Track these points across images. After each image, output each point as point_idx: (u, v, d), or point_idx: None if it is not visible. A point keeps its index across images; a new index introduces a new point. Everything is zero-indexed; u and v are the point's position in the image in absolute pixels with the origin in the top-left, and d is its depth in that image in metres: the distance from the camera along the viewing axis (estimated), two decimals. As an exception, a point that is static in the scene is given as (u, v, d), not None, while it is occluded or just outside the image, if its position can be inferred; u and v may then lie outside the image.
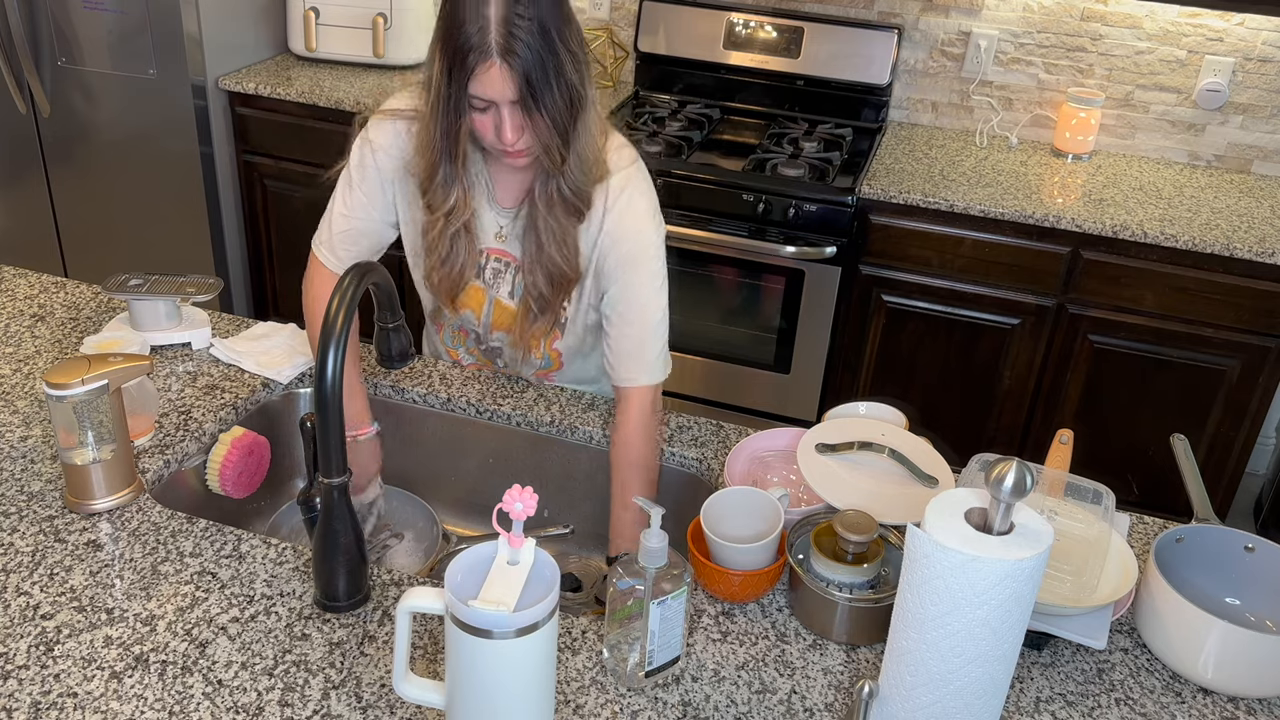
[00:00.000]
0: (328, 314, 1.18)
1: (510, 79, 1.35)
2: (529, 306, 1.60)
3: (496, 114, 1.40)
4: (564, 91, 1.39)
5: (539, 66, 1.35)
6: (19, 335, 1.77)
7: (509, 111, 1.39)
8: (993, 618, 0.99)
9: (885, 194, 2.70)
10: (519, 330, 1.64)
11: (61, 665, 1.18)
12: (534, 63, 1.35)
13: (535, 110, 1.38)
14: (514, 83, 1.36)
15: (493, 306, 1.66)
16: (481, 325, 1.70)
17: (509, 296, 1.64)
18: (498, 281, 1.64)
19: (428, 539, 1.62)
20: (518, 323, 1.63)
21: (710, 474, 1.60)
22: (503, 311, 1.66)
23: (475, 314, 1.69)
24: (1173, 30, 2.90)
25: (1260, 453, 3.22)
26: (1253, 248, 2.51)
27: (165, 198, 3.26)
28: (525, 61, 1.34)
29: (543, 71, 1.36)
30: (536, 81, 1.36)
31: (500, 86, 1.36)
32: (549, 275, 1.56)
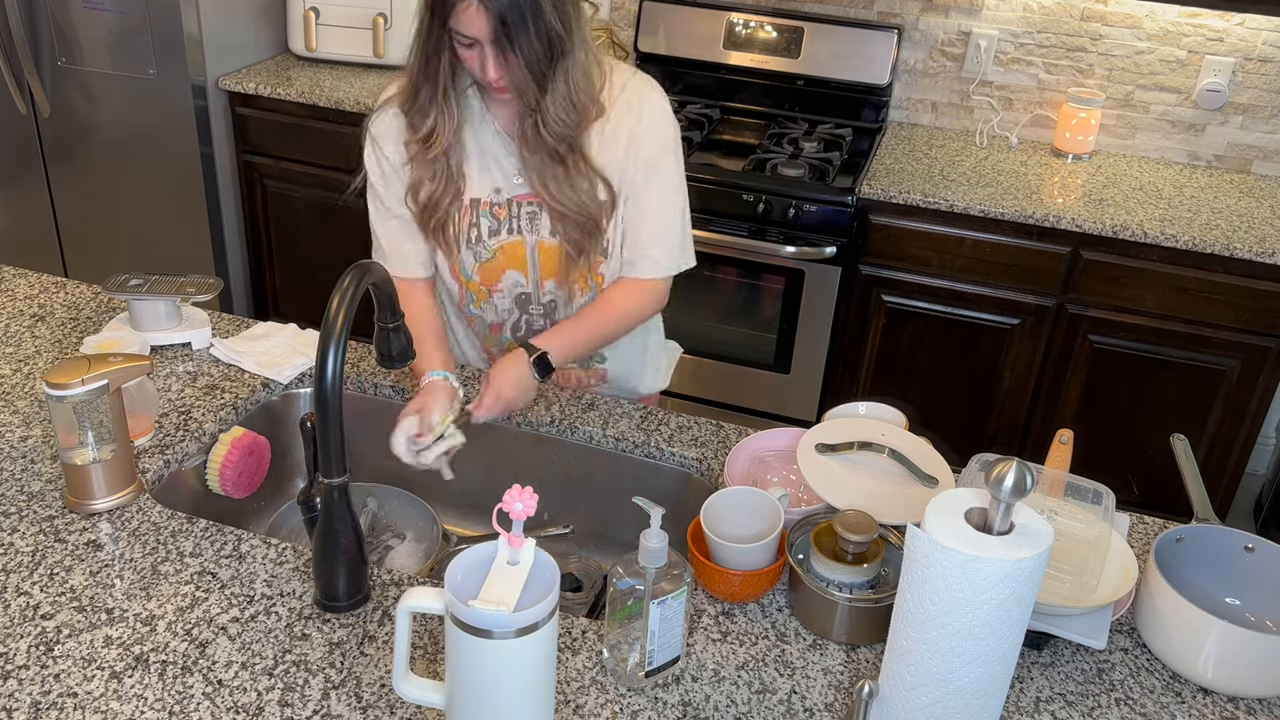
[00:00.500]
0: (327, 314, 1.18)
1: (485, 19, 1.39)
2: (565, 250, 1.64)
3: (480, 51, 1.44)
4: (541, 34, 1.42)
5: (514, 8, 1.38)
6: (19, 335, 1.77)
7: (490, 50, 1.43)
8: (993, 618, 0.99)
9: (885, 194, 2.70)
10: (563, 272, 1.67)
11: (61, 665, 1.18)
12: (509, 4, 1.38)
13: (511, 51, 1.42)
14: (489, 22, 1.39)
15: (537, 253, 1.67)
16: (530, 280, 1.71)
17: (551, 235, 1.65)
18: (535, 225, 1.65)
19: (428, 539, 1.62)
20: (562, 266, 1.66)
21: (710, 474, 1.60)
22: (549, 254, 1.67)
23: (520, 271, 1.69)
24: (1173, 30, 2.90)
25: (1260, 453, 3.22)
26: (1253, 248, 2.51)
27: (165, 198, 3.26)
28: (500, 2, 1.38)
29: (519, 13, 1.39)
30: (512, 23, 1.39)
31: (476, 25, 1.40)
32: (573, 222, 1.60)
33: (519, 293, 1.72)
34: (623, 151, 1.59)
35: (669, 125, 1.62)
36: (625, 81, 1.60)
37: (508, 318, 1.76)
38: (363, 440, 1.73)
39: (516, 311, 1.75)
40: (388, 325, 1.39)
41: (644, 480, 1.65)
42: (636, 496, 1.25)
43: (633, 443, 1.64)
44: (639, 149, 1.60)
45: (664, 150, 1.61)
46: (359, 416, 1.74)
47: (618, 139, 1.59)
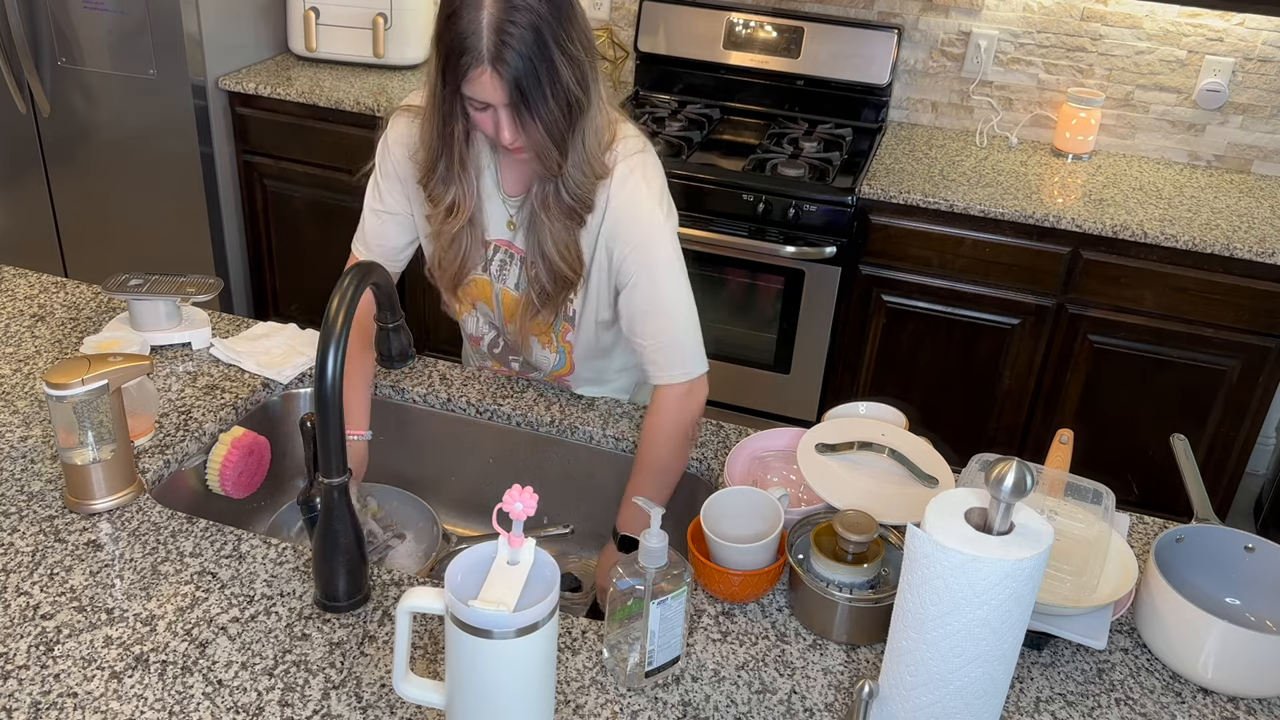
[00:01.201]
0: (327, 314, 1.18)
1: (500, 86, 1.34)
2: (530, 299, 1.60)
3: (495, 114, 1.39)
4: (559, 98, 1.37)
5: (531, 74, 1.33)
6: (19, 335, 1.77)
7: (504, 114, 1.38)
8: (993, 618, 0.99)
9: (885, 194, 2.70)
10: (520, 322, 1.63)
11: (61, 665, 1.18)
12: (525, 70, 1.33)
13: (528, 117, 1.37)
14: (505, 90, 1.34)
15: (500, 299, 1.66)
16: (496, 318, 1.70)
17: (515, 288, 1.63)
18: (504, 274, 1.63)
19: (428, 539, 1.62)
20: (519, 314, 1.63)
21: (710, 474, 1.60)
22: (509, 303, 1.66)
23: (488, 305, 1.69)
24: (1173, 30, 2.90)
25: (1260, 453, 3.22)
26: (1253, 248, 2.51)
27: (165, 198, 3.26)
28: (516, 69, 1.32)
29: (535, 79, 1.34)
30: (529, 89, 1.34)
31: (491, 93, 1.35)
32: (550, 273, 1.55)
33: (487, 321, 1.73)
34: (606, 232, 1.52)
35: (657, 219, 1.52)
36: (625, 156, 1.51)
37: (484, 334, 1.76)
38: (363, 440, 1.73)
39: (492, 331, 1.75)
40: (388, 325, 1.39)
41: (644, 480, 1.65)
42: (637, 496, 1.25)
43: (633, 443, 1.64)
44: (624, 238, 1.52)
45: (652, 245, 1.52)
46: (359, 416, 1.74)
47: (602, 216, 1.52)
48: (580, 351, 1.70)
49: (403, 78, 3.25)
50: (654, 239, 1.52)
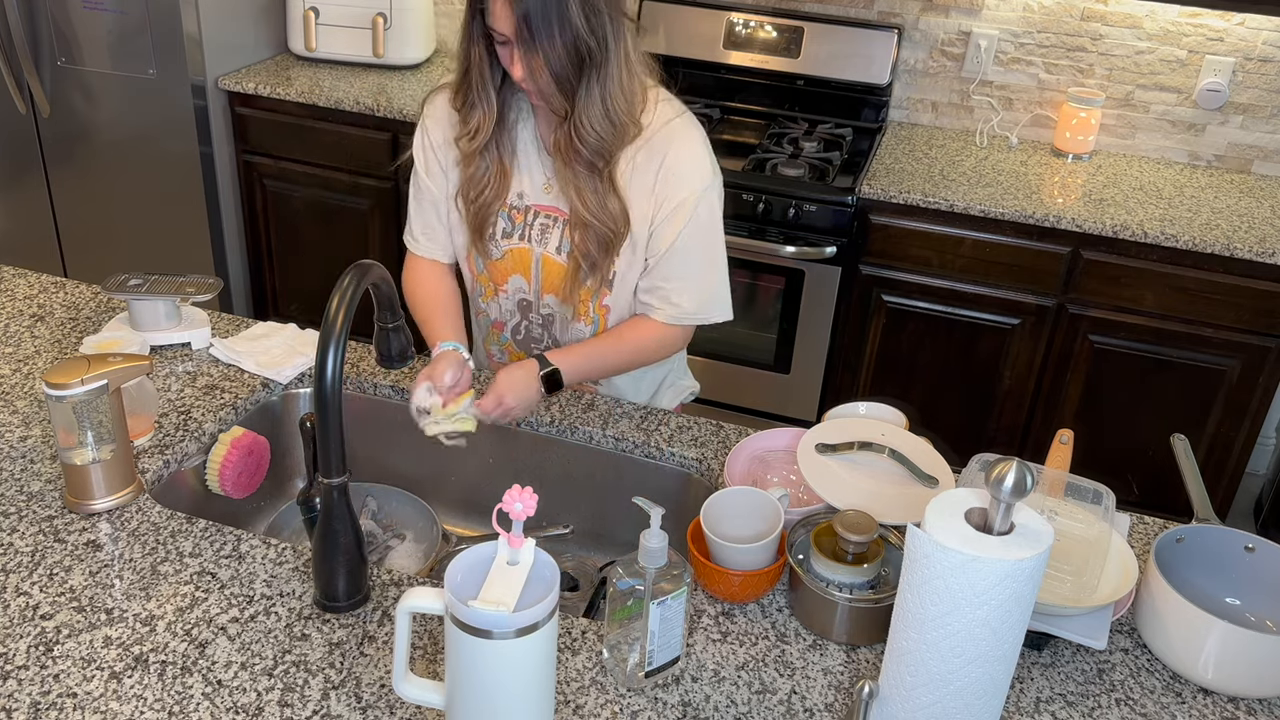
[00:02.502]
0: (327, 314, 1.18)
1: (510, 16, 1.39)
2: (578, 263, 1.62)
3: (511, 49, 1.44)
4: (568, 40, 1.41)
5: (539, 11, 1.38)
6: (19, 335, 1.77)
7: (515, 48, 1.43)
8: (993, 618, 0.99)
9: (885, 194, 2.70)
10: (568, 288, 1.65)
11: (61, 665, 1.18)
12: (536, 6, 1.38)
13: (534, 52, 1.41)
14: (513, 21, 1.39)
15: (541, 265, 1.67)
16: (532, 290, 1.70)
17: (556, 252, 1.65)
18: (546, 237, 1.64)
19: (428, 539, 1.62)
20: (566, 280, 1.65)
21: (710, 474, 1.60)
22: (551, 269, 1.67)
23: (524, 277, 1.69)
24: (1173, 30, 2.90)
25: (1260, 453, 3.22)
26: (1253, 248, 2.51)
27: (165, 198, 3.26)
28: (527, 3, 1.37)
29: (544, 16, 1.38)
30: (536, 25, 1.38)
31: (503, 21, 1.40)
32: (595, 233, 1.58)
33: (520, 298, 1.73)
34: (648, 188, 1.57)
35: (700, 175, 1.58)
36: (669, 119, 1.57)
37: (509, 319, 1.76)
38: (363, 440, 1.73)
39: (518, 315, 1.75)
40: (388, 325, 1.39)
41: (644, 480, 1.65)
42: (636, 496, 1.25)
43: (633, 443, 1.64)
44: (665, 191, 1.57)
45: (694, 198, 1.58)
46: (359, 416, 1.74)
47: (645, 173, 1.57)
48: (615, 318, 1.71)
49: (403, 78, 3.25)
50: (704, 189, 1.58)
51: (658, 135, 1.56)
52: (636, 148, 1.55)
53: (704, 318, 1.67)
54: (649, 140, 1.56)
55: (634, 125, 1.53)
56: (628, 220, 1.58)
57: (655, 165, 1.56)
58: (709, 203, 1.60)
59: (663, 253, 1.61)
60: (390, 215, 3.18)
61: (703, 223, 1.60)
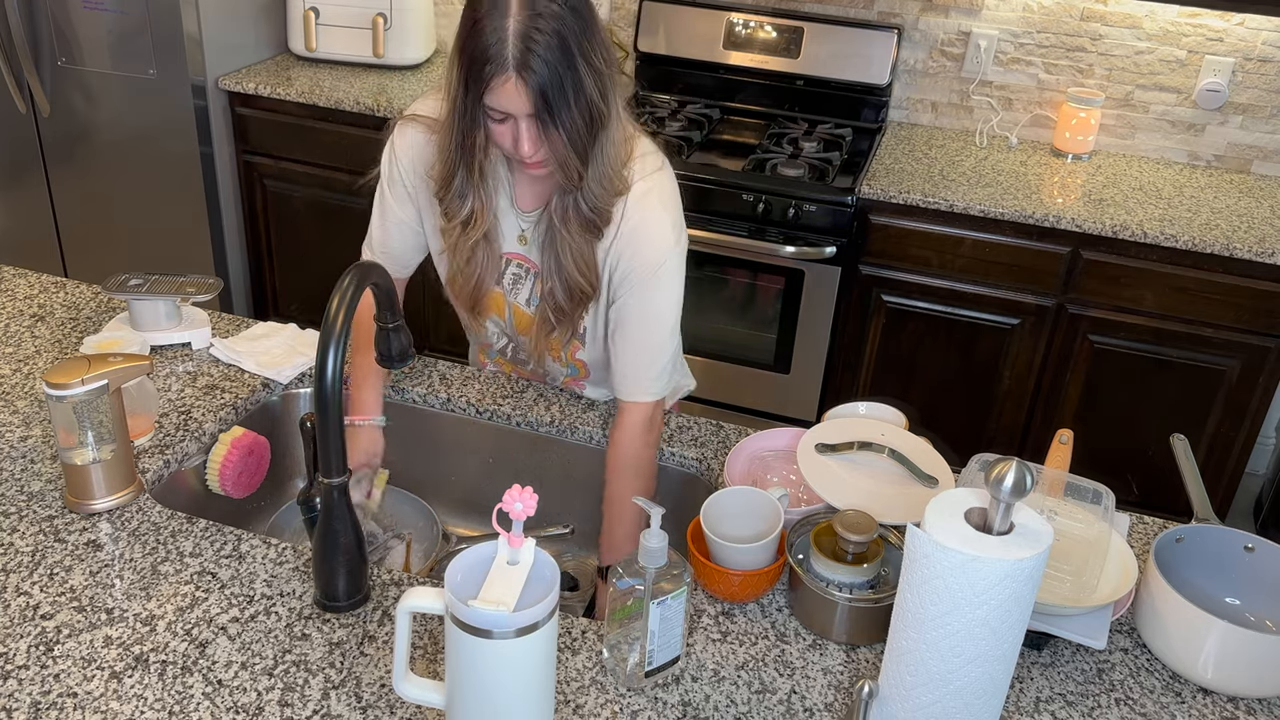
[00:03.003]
0: (327, 314, 1.18)
1: (525, 94, 1.32)
2: (545, 316, 1.59)
3: (514, 126, 1.37)
4: (583, 108, 1.35)
5: (556, 83, 1.32)
6: (19, 335, 1.77)
7: (526, 125, 1.36)
8: (992, 618, 0.99)
9: (885, 194, 2.70)
10: (534, 339, 1.63)
11: (61, 665, 1.18)
12: (550, 79, 1.31)
13: (552, 126, 1.35)
14: (529, 98, 1.32)
15: (512, 313, 1.66)
16: (509, 328, 1.70)
17: (526, 304, 1.63)
18: (517, 288, 1.62)
19: (428, 539, 1.62)
20: (534, 332, 1.62)
21: (710, 474, 1.60)
22: (521, 318, 1.65)
23: (500, 318, 1.69)
24: (1173, 30, 2.90)
25: (1260, 453, 3.22)
26: (1253, 248, 2.51)
27: (165, 198, 3.26)
28: (541, 77, 1.30)
29: (560, 88, 1.32)
30: (553, 98, 1.32)
31: (515, 101, 1.33)
32: (567, 288, 1.54)
33: (500, 331, 1.73)
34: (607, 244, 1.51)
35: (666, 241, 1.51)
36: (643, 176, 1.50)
37: (496, 342, 1.76)
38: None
39: (504, 339, 1.75)
40: (388, 325, 1.39)
41: (644, 480, 1.64)
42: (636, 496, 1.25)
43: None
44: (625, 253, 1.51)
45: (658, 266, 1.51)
46: (359, 416, 1.74)
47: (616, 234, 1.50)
48: (592, 364, 1.70)
49: (402, 78, 3.25)
50: (661, 261, 1.51)
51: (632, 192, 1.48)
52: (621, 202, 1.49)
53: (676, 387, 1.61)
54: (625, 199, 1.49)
55: (621, 181, 1.47)
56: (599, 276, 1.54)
57: (616, 221, 1.49)
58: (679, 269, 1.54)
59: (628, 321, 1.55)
60: (390, 215, 3.18)
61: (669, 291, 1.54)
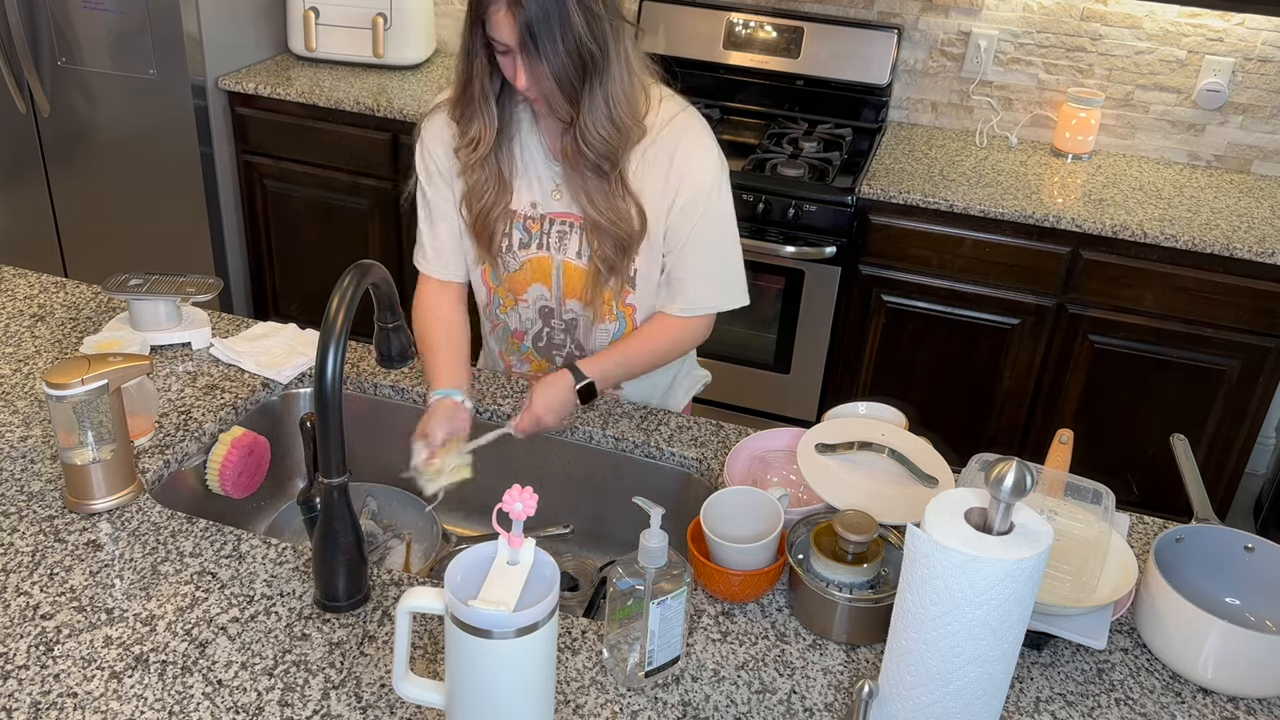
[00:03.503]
0: (327, 314, 1.18)
1: (512, 25, 1.39)
2: (598, 268, 1.63)
3: (513, 58, 1.44)
4: (570, 47, 1.41)
5: (542, 19, 1.38)
6: (19, 335, 1.77)
7: (518, 57, 1.43)
8: (993, 618, 0.99)
9: (885, 194, 2.70)
10: (590, 292, 1.66)
11: (61, 665, 1.18)
12: (537, 14, 1.38)
13: (537, 60, 1.41)
14: (516, 29, 1.39)
15: (562, 272, 1.67)
16: (554, 297, 1.71)
17: (577, 257, 1.65)
18: (564, 244, 1.65)
19: (428, 539, 1.62)
20: (588, 285, 1.66)
21: (710, 474, 1.60)
22: (573, 275, 1.67)
23: (545, 285, 1.69)
24: (1173, 30, 2.91)
25: (1260, 453, 3.22)
26: (1253, 248, 2.51)
27: (165, 198, 3.26)
28: (529, 11, 1.37)
29: (546, 23, 1.38)
30: (539, 33, 1.39)
31: (505, 30, 1.40)
32: (610, 235, 1.59)
33: (542, 305, 1.73)
34: (660, 185, 1.58)
35: (709, 168, 1.60)
36: (674, 115, 1.58)
37: (530, 328, 1.76)
38: (363, 440, 1.73)
39: (539, 323, 1.75)
40: (388, 325, 1.39)
41: (644, 480, 1.65)
42: (636, 496, 1.25)
43: (633, 443, 1.64)
44: (676, 187, 1.58)
45: (703, 192, 1.59)
46: (359, 416, 1.74)
47: (655, 170, 1.58)
48: (642, 315, 1.72)
49: (402, 78, 3.25)
50: (717, 176, 1.60)
51: (664, 132, 1.57)
52: (645, 146, 1.56)
53: (718, 305, 1.68)
54: (656, 139, 1.57)
55: (638, 127, 1.54)
56: (644, 220, 1.59)
57: (664, 163, 1.57)
58: (718, 196, 1.62)
59: (678, 249, 1.62)
60: (390, 215, 3.18)
61: (714, 216, 1.62)
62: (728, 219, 1.65)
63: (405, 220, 3.18)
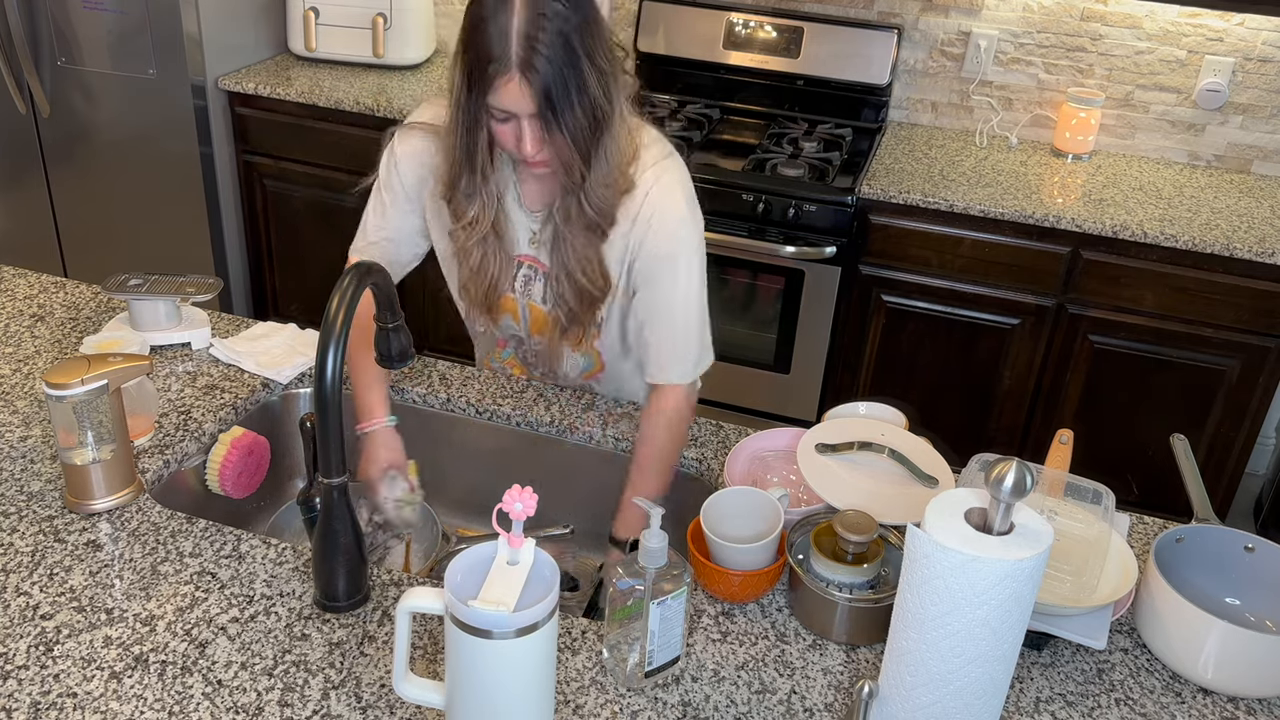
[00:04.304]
0: (327, 314, 1.18)
1: (529, 94, 1.32)
2: (558, 318, 1.59)
3: (517, 125, 1.37)
4: (586, 107, 1.35)
5: (559, 82, 1.32)
6: (19, 335, 1.77)
7: (529, 124, 1.36)
8: (993, 618, 0.99)
9: (885, 194, 2.70)
10: (550, 338, 1.64)
11: (61, 665, 1.18)
12: (554, 78, 1.31)
13: (555, 126, 1.35)
14: (533, 98, 1.32)
15: (528, 313, 1.66)
16: (523, 330, 1.69)
17: (542, 301, 1.63)
18: (529, 289, 1.62)
19: (428, 539, 1.62)
20: (549, 331, 1.63)
21: (710, 474, 1.60)
22: (537, 316, 1.65)
23: (514, 320, 1.69)
24: (1173, 30, 2.91)
25: (1260, 453, 3.22)
26: (1253, 248, 2.51)
27: (165, 198, 3.26)
28: (545, 76, 1.31)
29: (563, 87, 1.32)
30: (556, 97, 1.33)
31: (519, 101, 1.33)
32: (576, 291, 1.54)
33: (513, 334, 1.73)
34: (624, 232, 1.52)
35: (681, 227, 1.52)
36: (654, 162, 1.51)
37: (508, 342, 1.76)
38: (362, 440, 1.73)
39: (514, 343, 1.75)
40: (388, 325, 1.39)
41: (644, 480, 1.64)
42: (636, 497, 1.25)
43: (633, 443, 1.64)
44: (643, 240, 1.51)
45: (677, 253, 1.52)
46: (359, 416, 1.74)
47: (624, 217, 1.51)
48: (609, 354, 1.70)
49: (402, 78, 3.25)
50: (681, 244, 1.52)
51: (640, 181, 1.50)
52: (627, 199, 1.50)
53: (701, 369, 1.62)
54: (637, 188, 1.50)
55: (625, 180, 1.48)
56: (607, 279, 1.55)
57: (633, 209, 1.50)
58: (693, 252, 1.54)
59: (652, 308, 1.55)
60: (390, 215, 3.18)
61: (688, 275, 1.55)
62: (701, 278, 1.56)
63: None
